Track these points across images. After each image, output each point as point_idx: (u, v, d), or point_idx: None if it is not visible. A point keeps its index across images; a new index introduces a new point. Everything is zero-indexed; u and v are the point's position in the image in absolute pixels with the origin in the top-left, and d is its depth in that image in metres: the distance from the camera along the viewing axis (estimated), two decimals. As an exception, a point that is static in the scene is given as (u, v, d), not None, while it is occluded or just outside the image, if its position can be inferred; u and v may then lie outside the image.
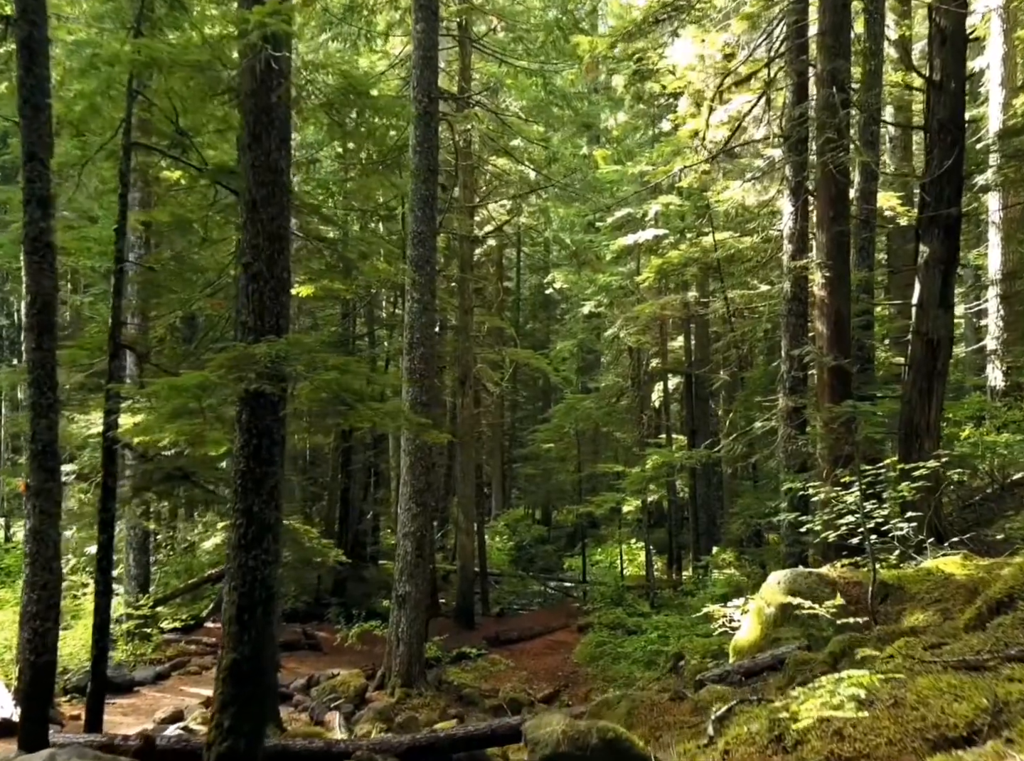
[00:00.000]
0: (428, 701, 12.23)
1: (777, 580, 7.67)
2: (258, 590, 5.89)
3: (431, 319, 12.97)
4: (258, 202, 6.19)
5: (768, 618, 7.56)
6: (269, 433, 6.05)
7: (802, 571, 7.66)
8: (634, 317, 21.57)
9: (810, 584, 7.41)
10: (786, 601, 7.45)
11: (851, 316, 11.61)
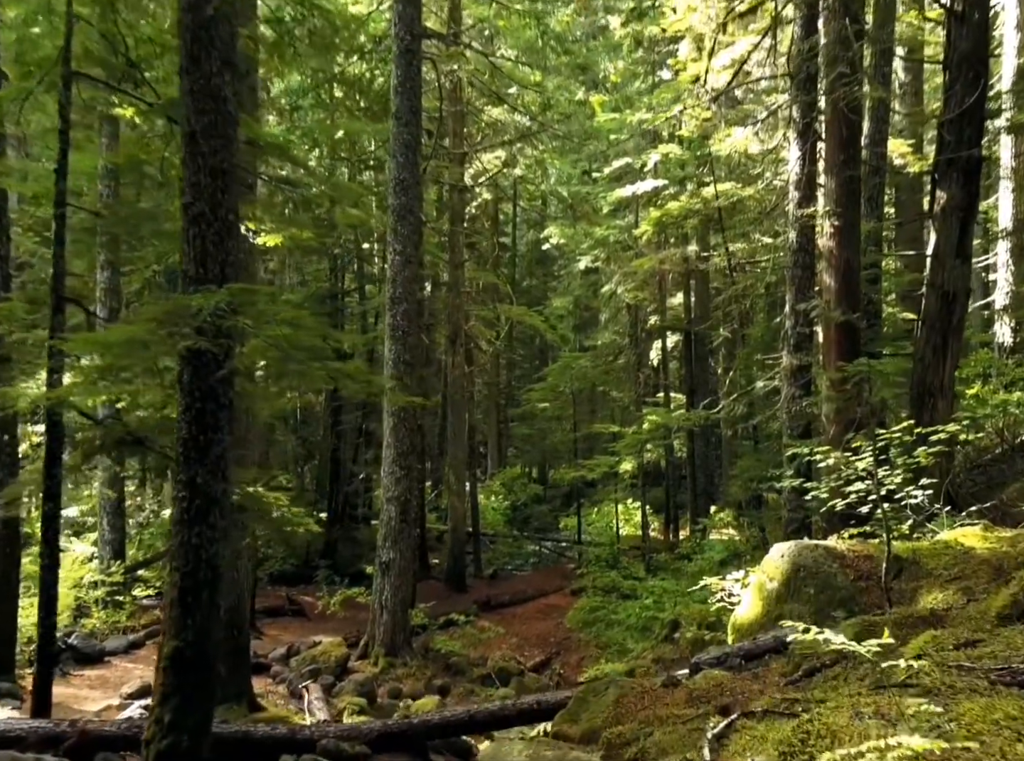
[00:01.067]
0: (413, 671, 11.77)
1: (780, 553, 7.07)
2: (203, 570, 5.27)
3: (414, 273, 12.25)
4: (198, 133, 5.45)
5: (770, 594, 6.97)
6: (214, 396, 5.38)
7: (808, 543, 7.05)
8: (632, 272, 20.82)
9: (816, 558, 6.81)
10: (790, 576, 6.87)
11: (860, 268, 10.89)
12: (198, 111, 5.48)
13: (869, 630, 5.31)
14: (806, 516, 10.50)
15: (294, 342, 5.11)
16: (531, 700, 6.47)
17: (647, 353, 27.81)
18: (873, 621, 5.40)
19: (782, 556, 7.03)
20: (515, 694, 11.52)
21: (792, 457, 9.51)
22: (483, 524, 27.51)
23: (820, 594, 6.60)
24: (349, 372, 5.62)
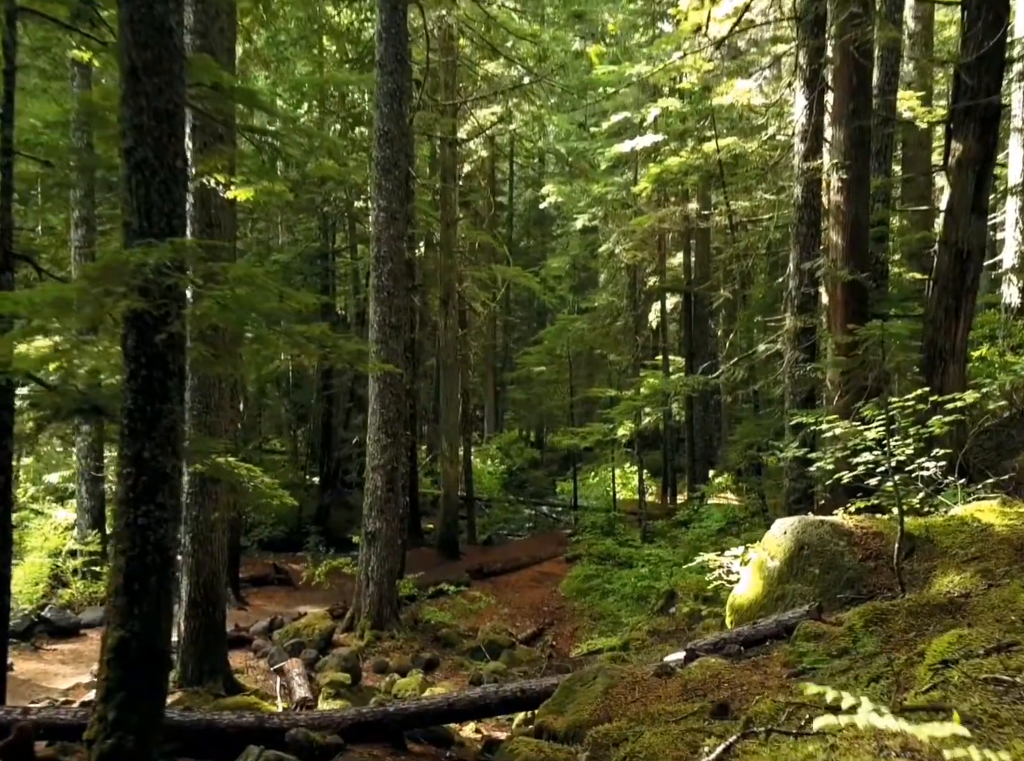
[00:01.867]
0: (400, 644, 11.40)
1: (783, 529, 6.62)
2: (151, 554, 4.79)
3: (400, 230, 11.66)
4: (139, 69, 4.86)
5: (772, 573, 6.53)
6: (162, 363, 4.86)
7: (812, 519, 6.59)
8: (631, 231, 20.19)
9: (822, 535, 6.36)
10: (793, 554, 6.42)
11: (869, 225, 10.33)
12: (139, 44, 4.89)
13: (881, 618, 4.86)
14: (809, 485, 10.06)
15: (246, 303, 4.58)
16: (514, 687, 6.05)
17: (646, 315, 27.25)
18: (885, 608, 4.94)
19: (785, 533, 6.58)
20: (505, 667, 11.18)
21: (797, 427, 9.03)
22: (479, 489, 27.16)
23: (825, 574, 6.16)
24: (315, 337, 5.09)
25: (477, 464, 29.58)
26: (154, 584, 4.85)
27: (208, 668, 8.61)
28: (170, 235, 4.81)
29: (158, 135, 4.91)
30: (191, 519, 8.64)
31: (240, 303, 4.58)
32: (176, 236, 4.85)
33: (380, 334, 11.45)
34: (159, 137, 4.91)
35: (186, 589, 8.67)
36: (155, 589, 4.85)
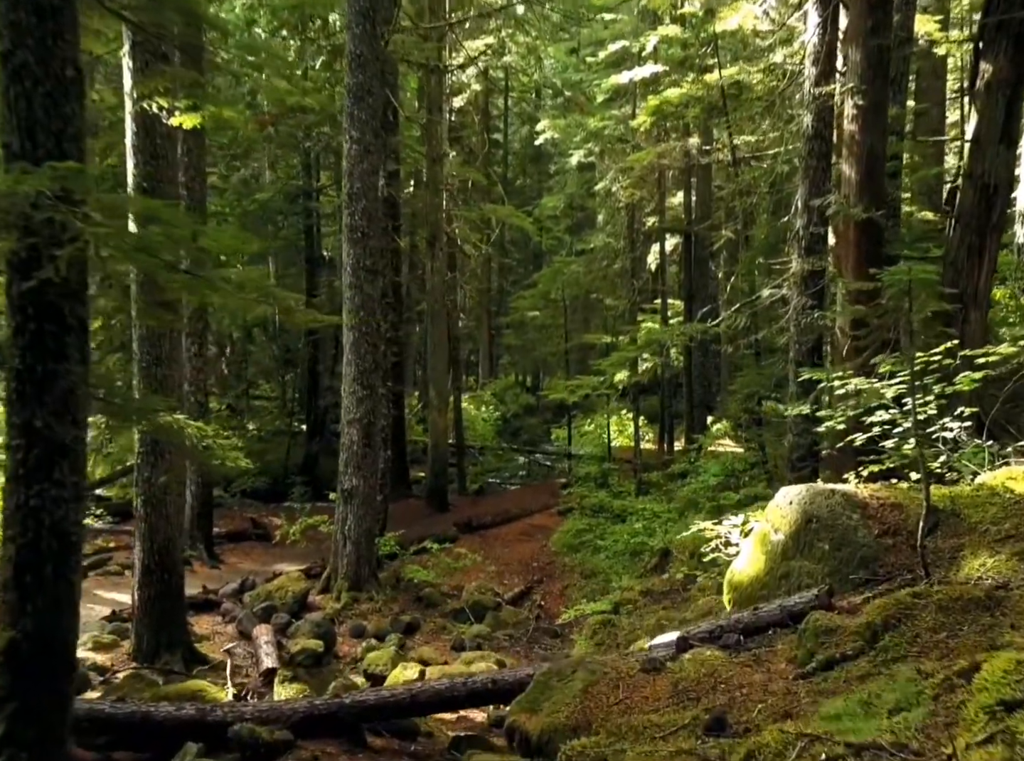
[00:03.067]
0: (379, 606, 10.81)
1: (788, 499, 5.89)
2: (46, 540, 4.07)
3: (375, 164, 10.75)
4: (14, -48, 4.01)
5: (776, 547, 5.83)
6: (57, 315, 4.08)
7: (821, 488, 5.87)
8: (628, 168, 19.13)
9: (832, 506, 5.63)
10: (800, 527, 5.71)
11: (886, 156, 9.43)
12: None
13: (905, 613, 4.15)
14: (814, 441, 9.33)
15: (152, 244, 3.77)
16: (485, 679, 5.40)
17: (644, 257, 26.29)
18: (908, 602, 4.23)
19: (791, 503, 5.86)
20: (489, 630, 10.62)
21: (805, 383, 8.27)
22: (472, 436, 26.53)
23: (836, 551, 5.45)
24: (241, 282, 4.29)
25: (471, 411, 28.93)
26: (51, 575, 4.13)
27: (165, 640, 8.00)
28: (62, 159, 3.98)
29: (40, 36, 4.05)
30: (142, 481, 7.95)
31: (141, 244, 3.77)
32: (71, 160, 4.01)
33: (354, 278, 10.62)
34: (42, 38, 4.05)
35: (139, 556, 8.01)
36: (52, 581, 4.13)
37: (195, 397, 12.42)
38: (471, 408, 29.32)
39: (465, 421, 27.85)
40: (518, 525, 16.32)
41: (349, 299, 10.67)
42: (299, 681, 6.29)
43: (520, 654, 10.06)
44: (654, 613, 10.37)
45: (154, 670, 7.28)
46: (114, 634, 8.50)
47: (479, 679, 5.39)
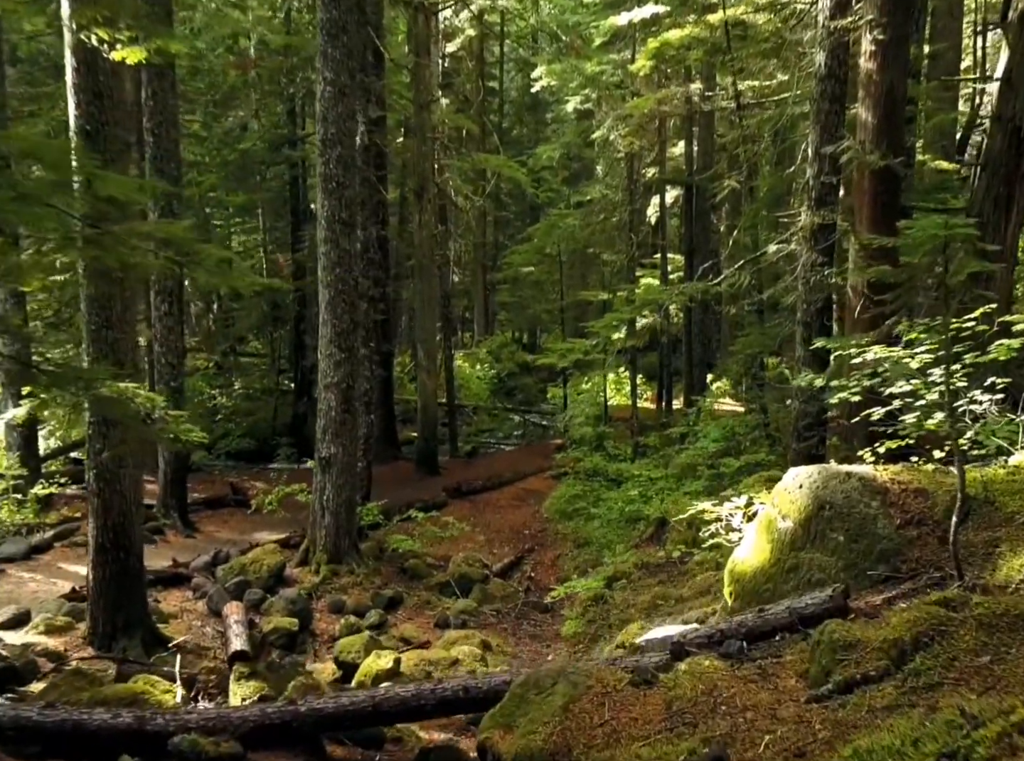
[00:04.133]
0: (360, 579, 10.27)
1: (799, 482, 5.26)
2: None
3: (350, 108, 9.93)
4: None
5: (783, 536, 5.21)
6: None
7: (835, 471, 5.23)
8: (627, 115, 18.21)
9: (848, 492, 5.01)
10: (811, 514, 5.09)
11: (907, 99, 8.64)
12: None
13: (938, 630, 3.54)
14: (822, 409, 8.69)
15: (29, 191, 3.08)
16: (456, 685, 4.81)
17: (644, 210, 25.42)
18: (942, 616, 3.61)
19: (800, 487, 5.23)
20: (476, 606, 10.09)
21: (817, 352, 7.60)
22: (467, 395, 25.94)
23: (853, 543, 4.84)
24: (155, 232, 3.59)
25: (465, 369, 28.28)
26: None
27: (122, 622, 7.44)
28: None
29: None
30: (93, 453, 7.32)
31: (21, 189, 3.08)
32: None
33: (329, 232, 9.89)
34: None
35: (92, 534, 7.42)
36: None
37: (166, 358, 11.74)
38: (466, 366, 28.68)
39: (459, 380, 27.21)
40: (510, 490, 15.79)
41: (324, 254, 9.96)
42: (257, 678, 5.73)
43: (507, 632, 9.54)
44: (649, 589, 9.84)
45: (107, 658, 6.72)
46: (69, 616, 7.94)
47: (450, 686, 4.80)
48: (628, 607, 9.19)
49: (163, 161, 11.40)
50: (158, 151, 11.36)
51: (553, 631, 9.65)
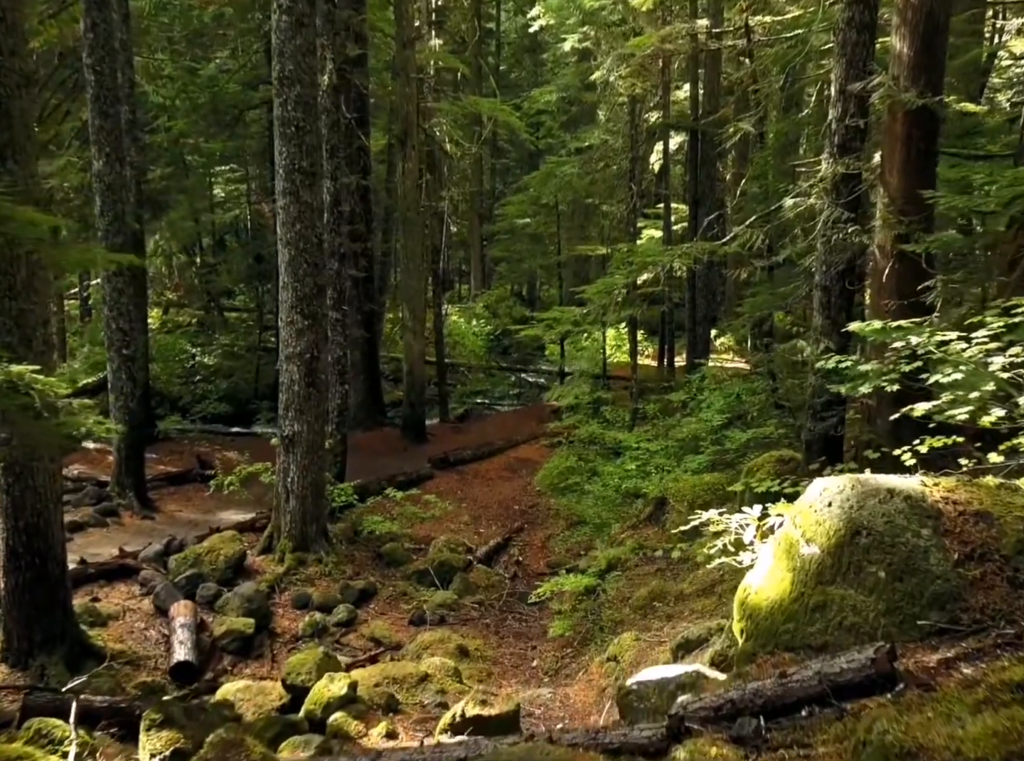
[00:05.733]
0: (329, 569, 9.36)
1: (826, 499, 4.25)
2: None
3: (310, 41, 8.72)
4: None
5: (807, 564, 4.21)
6: None
7: (873, 484, 4.21)
8: (628, 54, 16.85)
9: (890, 515, 4.00)
10: (843, 540, 4.09)
11: (948, 27, 7.43)
12: None
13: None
14: (839, 398, 7.63)
15: None
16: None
17: (647, 157, 24.09)
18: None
19: (829, 504, 4.22)
20: (456, 598, 9.19)
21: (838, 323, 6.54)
22: (462, 352, 24.88)
23: (897, 581, 3.85)
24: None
25: (461, 325, 27.19)
26: None
27: (40, 636, 6.53)
28: None
29: None
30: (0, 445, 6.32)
31: None
32: None
33: (288, 183, 8.77)
34: None
35: (2, 536, 6.45)
36: None
37: (116, 324, 10.67)
38: (461, 322, 27.59)
39: (454, 337, 26.11)
40: (501, 459, 14.86)
41: (283, 209, 8.86)
42: (171, 726, 4.78)
43: (489, 629, 8.64)
44: (646, 581, 8.90)
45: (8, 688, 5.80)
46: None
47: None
48: (622, 604, 8.27)
49: (106, 102, 10.20)
50: (100, 91, 10.16)
51: (540, 627, 8.76)
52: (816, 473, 7.34)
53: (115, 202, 10.60)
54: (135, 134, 13.24)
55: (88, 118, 10.41)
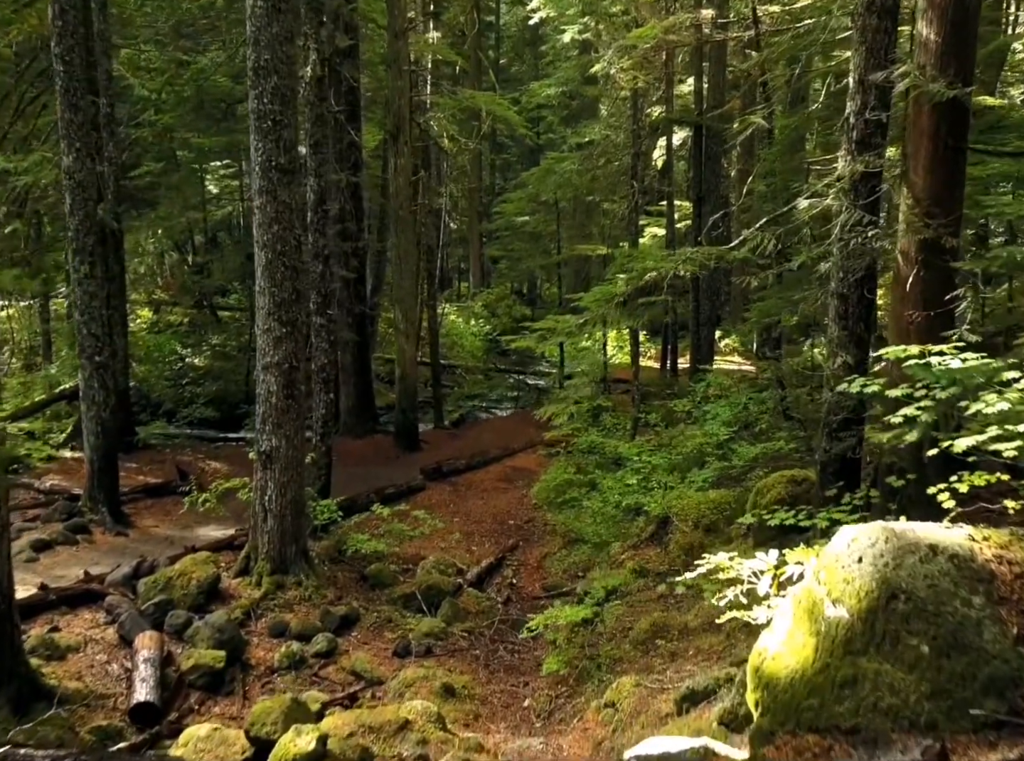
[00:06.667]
0: (309, 593, 8.76)
1: (855, 552, 3.64)
2: None
3: (287, 27, 8.11)
4: None
5: (834, 629, 3.61)
6: None
7: (912, 541, 3.60)
8: (630, 46, 16.22)
9: (934, 577, 3.40)
10: (877, 605, 3.50)
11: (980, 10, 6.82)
12: None
13: None
14: (862, 402, 7.03)
15: None
16: None
17: (649, 153, 23.46)
18: None
19: (860, 561, 3.62)
20: (444, 626, 8.60)
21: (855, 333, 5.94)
22: (459, 353, 24.32)
23: (944, 658, 3.26)
24: None
25: (459, 324, 26.63)
26: None
27: (-17, 680, 5.95)
28: None
29: None
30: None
31: None
32: None
33: (264, 181, 8.18)
34: None
35: (-62, 572, 5.89)
36: None
37: (88, 329, 10.08)
38: (459, 322, 27.02)
39: (453, 336, 25.52)
40: (497, 468, 14.28)
41: (259, 209, 8.28)
42: None
43: (479, 661, 8.05)
44: (648, 609, 8.31)
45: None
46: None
47: None
48: (622, 636, 7.68)
49: (76, 94, 9.62)
50: (70, 82, 9.58)
51: (533, 659, 8.17)
52: (833, 500, 6.77)
53: (86, 200, 10.02)
54: (112, 128, 12.66)
55: (58, 111, 9.82)
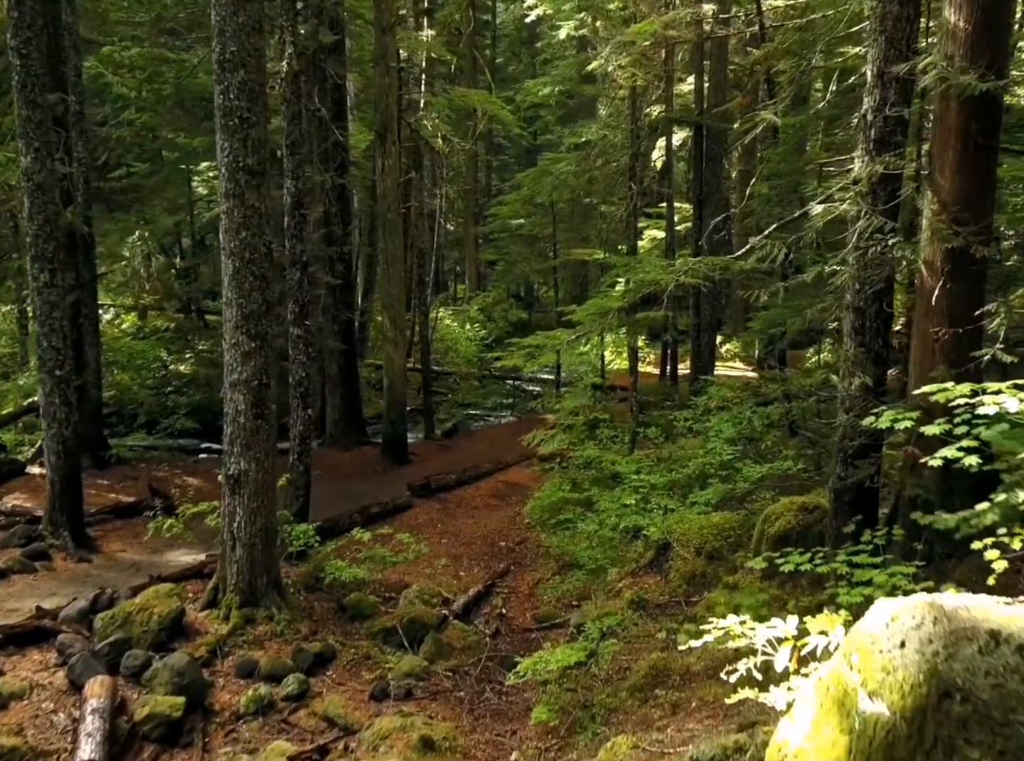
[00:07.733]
0: (281, 628, 8.12)
1: (897, 635, 2.99)
2: None
3: (254, 17, 7.45)
4: None
5: (872, 729, 2.97)
6: None
7: (968, 622, 2.95)
8: (628, 42, 15.60)
9: (997, 672, 2.77)
10: (925, 703, 2.86)
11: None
12: None
13: None
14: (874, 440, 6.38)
15: None
16: None
17: (648, 154, 22.88)
18: None
19: (902, 645, 2.97)
20: (427, 664, 7.96)
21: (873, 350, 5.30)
22: (454, 359, 23.73)
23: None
24: None
25: (454, 329, 26.04)
26: None
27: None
28: None
29: None
30: None
31: None
32: None
33: (231, 184, 7.54)
34: None
35: None
36: None
37: (49, 341, 9.44)
38: (454, 326, 26.42)
39: (447, 341, 24.90)
40: (488, 483, 13.64)
41: (226, 213, 7.63)
42: None
43: (463, 705, 7.41)
44: (647, 647, 7.68)
45: None
46: None
47: None
48: (619, 681, 7.03)
49: (34, 90, 8.99)
50: (27, 77, 8.94)
51: (522, 701, 7.53)
52: (851, 538, 6.13)
53: (46, 203, 9.38)
54: (83, 127, 12.03)
55: (15, 108, 9.19)
